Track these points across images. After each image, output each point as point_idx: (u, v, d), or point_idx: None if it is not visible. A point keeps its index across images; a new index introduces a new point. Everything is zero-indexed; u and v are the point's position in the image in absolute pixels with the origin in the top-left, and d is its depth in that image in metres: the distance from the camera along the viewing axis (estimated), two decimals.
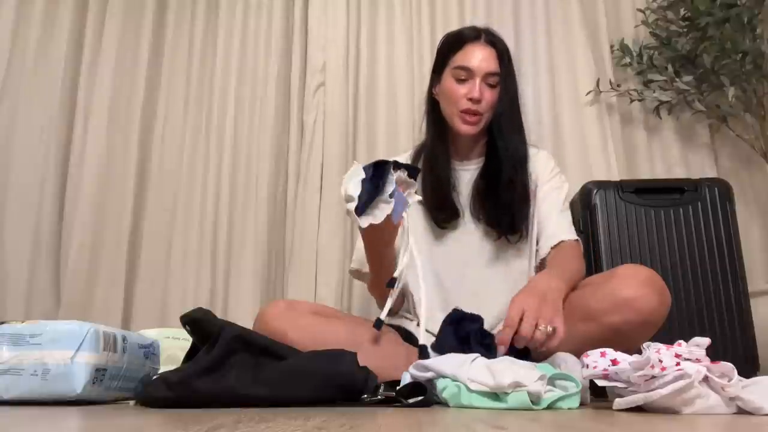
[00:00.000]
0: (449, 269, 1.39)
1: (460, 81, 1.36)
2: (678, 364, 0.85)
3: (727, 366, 0.85)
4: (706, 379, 0.85)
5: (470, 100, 1.34)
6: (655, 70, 2.11)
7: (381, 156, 2.15)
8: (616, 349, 0.95)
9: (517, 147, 1.37)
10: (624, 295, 1.09)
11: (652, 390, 0.84)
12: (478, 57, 1.36)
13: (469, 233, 1.41)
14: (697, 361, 0.86)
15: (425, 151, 1.45)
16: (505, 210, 1.36)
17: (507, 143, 1.36)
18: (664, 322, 1.12)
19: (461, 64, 1.37)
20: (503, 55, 1.37)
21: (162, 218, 2.19)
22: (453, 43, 1.41)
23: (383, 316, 1.20)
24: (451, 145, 1.44)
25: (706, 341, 0.88)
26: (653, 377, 0.85)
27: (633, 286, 1.09)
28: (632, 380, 0.88)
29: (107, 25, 2.29)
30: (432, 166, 1.41)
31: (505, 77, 1.36)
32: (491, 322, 1.29)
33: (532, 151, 1.44)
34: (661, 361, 0.85)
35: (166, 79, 2.30)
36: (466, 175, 1.44)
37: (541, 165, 1.45)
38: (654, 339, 0.96)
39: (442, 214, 1.40)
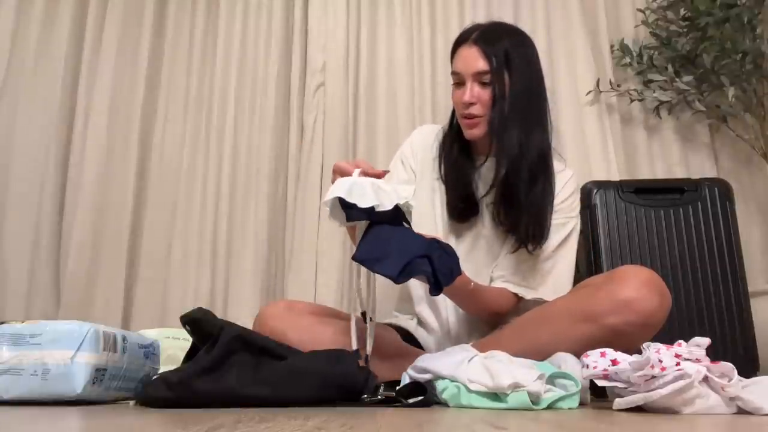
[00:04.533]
0: (465, 266, 1.35)
1: (458, 87, 1.33)
2: (678, 364, 0.85)
3: (727, 366, 0.85)
4: (706, 379, 0.85)
5: (464, 104, 1.29)
6: (655, 70, 2.11)
7: (380, 153, 2.16)
8: (616, 350, 0.95)
9: (516, 146, 1.26)
10: (624, 296, 1.08)
11: (652, 390, 0.84)
12: (463, 59, 1.31)
13: (484, 233, 1.36)
14: (697, 361, 0.86)
15: (446, 147, 1.40)
16: (518, 217, 1.28)
17: (503, 144, 1.27)
18: (664, 323, 1.12)
19: (453, 69, 1.34)
20: (495, 51, 1.27)
21: (162, 218, 2.19)
22: (452, 50, 1.37)
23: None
24: (471, 143, 1.38)
25: (706, 341, 0.88)
26: (653, 377, 0.85)
27: (633, 287, 1.09)
28: (632, 380, 0.88)
29: (107, 24, 2.29)
30: (453, 165, 1.37)
31: (497, 75, 1.26)
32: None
33: (557, 167, 1.35)
34: (661, 361, 0.85)
35: (166, 79, 2.30)
36: (487, 171, 1.35)
37: (557, 187, 1.34)
38: (654, 339, 0.96)
39: (457, 210, 1.35)
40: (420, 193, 1.40)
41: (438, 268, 1.02)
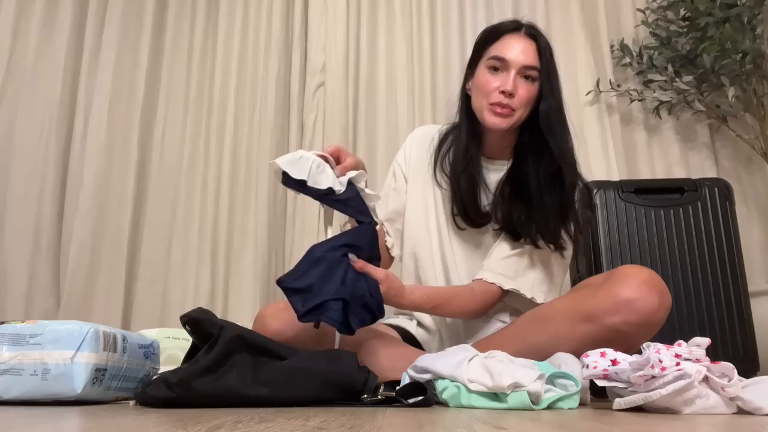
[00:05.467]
0: (460, 270, 1.33)
1: (494, 72, 1.26)
2: (678, 364, 0.85)
3: (727, 366, 0.85)
4: (706, 379, 0.85)
5: (503, 92, 1.23)
6: (655, 70, 2.11)
7: (380, 153, 2.16)
8: (616, 350, 0.95)
9: (571, 149, 1.26)
10: (624, 296, 1.08)
11: (652, 390, 0.84)
12: (515, 48, 1.26)
13: (491, 236, 1.33)
14: (697, 361, 0.86)
15: (456, 146, 1.34)
16: (547, 221, 1.25)
17: (562, 143, 1.24)
18: (664, 322, 1.11)
19: (496, 54, 1.26)
20: (544, 50, 1.27)
21: (162, 218, 2.19)
22: (490, 35, 1.32)
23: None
24: (484, 144, 1.33)
25: (706, 341, 0.88)
26: (653, 377, 0.85)
27: (633, 286, 1.09)
28: (632, 380, 0.88)
29: (107, 25, 2.29)
30: (465, 166, 1.31)
31: (547, 73, 1.26)
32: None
33: None
34: (661, 361, 0.85)
35: (166, 79, 2.30)
36: (494, 176, 1.33)
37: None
38: (654, 339, 0.96)
39: (467, 218, 1.31)
40: (414, 197, 1.38)
41: (352, 310, 1.05)
